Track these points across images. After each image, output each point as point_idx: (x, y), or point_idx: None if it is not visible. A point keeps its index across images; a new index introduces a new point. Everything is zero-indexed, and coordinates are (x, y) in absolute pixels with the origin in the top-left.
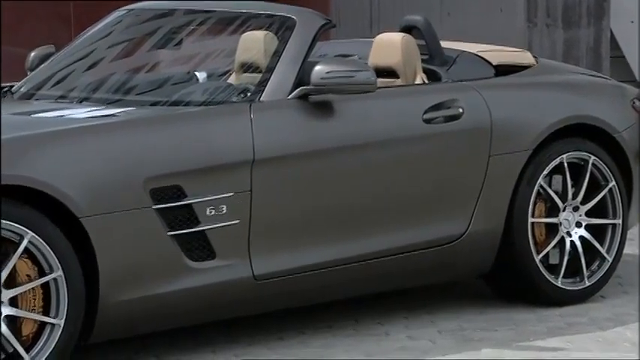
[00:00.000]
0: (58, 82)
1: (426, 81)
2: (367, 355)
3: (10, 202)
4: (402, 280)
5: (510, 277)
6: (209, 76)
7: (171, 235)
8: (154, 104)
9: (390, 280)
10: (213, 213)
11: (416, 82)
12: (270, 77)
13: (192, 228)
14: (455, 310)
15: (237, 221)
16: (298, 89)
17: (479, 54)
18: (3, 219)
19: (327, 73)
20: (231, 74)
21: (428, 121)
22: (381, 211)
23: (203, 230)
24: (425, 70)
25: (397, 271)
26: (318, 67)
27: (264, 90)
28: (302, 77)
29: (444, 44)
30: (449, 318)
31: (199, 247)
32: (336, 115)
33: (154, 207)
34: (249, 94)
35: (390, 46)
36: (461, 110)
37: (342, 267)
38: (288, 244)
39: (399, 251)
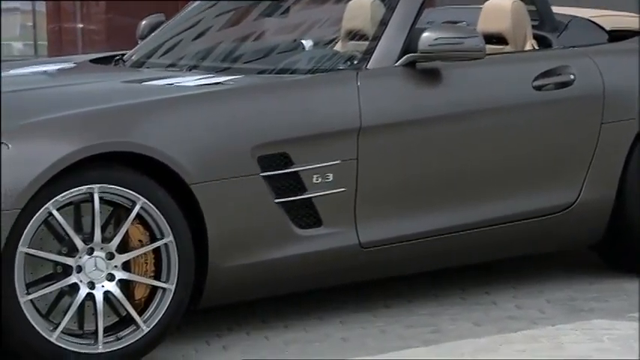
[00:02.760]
0: (167, 51)
1: (537, 47)
2: (475, 324)
3: (123, 169)
4: (509, 250)
5: (622, 247)
6: (315, 44)
7: (278, 203)
8: (261, 72)
9: (497, 249)
10: (319, 181)
11: (526, 49)
12: (377, 45)
13: (298, 195)
14: (565, 280)
15: (343, 189)
16: (405, 56)
17: (591, 19)
18: (116, 185)
19: (435, 39)
20: (337, 42)
21: (538, 88)
22: (488, 180)
23: (310, 198)
24: (535, 36)
25: (505, 240)
26: (425, 34)
27: (371, 57)
28: (409, 44)
29: (555, 10)
30: (558, 288)
31: (306, 215)
32: (443, 82)
33: (262, 174)
34: (355, 62)
35: (499, 11)
36: (572, 77)
37: (448, 235)
38: (394, 212)
39: (507, 220)
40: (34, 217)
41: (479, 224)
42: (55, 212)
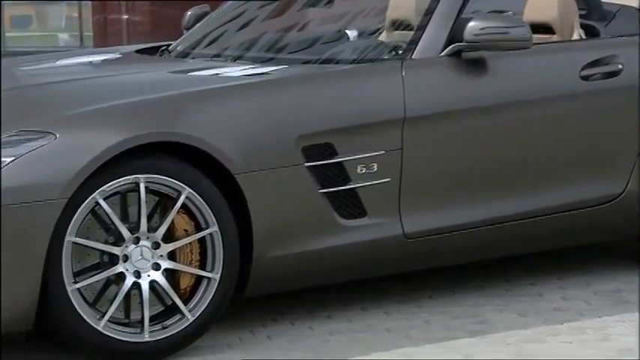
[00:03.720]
0: (212, 42)
1: (584, 36)
2: (520, 315)
3: (168, 158)
4: (555, 241)
5: None
6: (360, 34)
7: (323, 193)
8: (305, 62)
9: (542, 241)
10: (364, 171)
11: (573, 38)
12: (422, 34)
13: (343, 186)
14: (611, 272)
15: (387, 179)
16: (451, 46)
17: None
18: (162, 175)
19: (481, 29)
20: (382, 32)
21: (585, 78)
22: (534, 170)
23: (354, 188)
24: (582, 26)
25: (551, 231)
26: (471, 24)
27: (416, 47)
28: (455, 34)
29: None
30: (605, 279)
31: (350, 205)
32: (489, 72)
33: (306, 164)
34: (400, 52)
35: (546, 0)
36: (620, 66)
37: (493, 226)
38: (439, 203)
39: (553, 211)
40: (82, 207)
41: (524, 215)
42: (101, 202)
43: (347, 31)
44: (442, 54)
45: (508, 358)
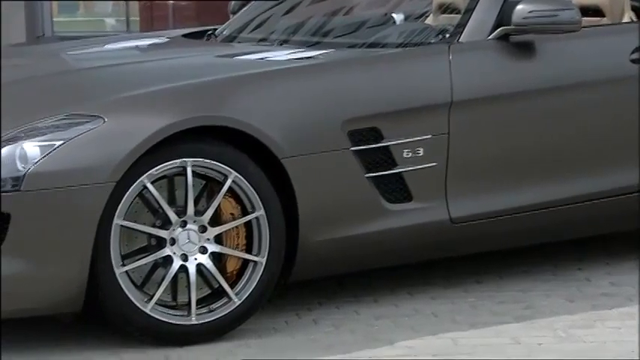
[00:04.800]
0: (258, 26)
1: (635, 19)
2: (568, 301)
3: (215, 142)
4: (602, 226)
5: None
6: (406, 18)
7: (369, 177)
8: (351, 46)
9: (590, 226)
10: (410, 155)
11: (623, 21)
12: (469, 18)
13: (389, 170)
14: None
15: (434, 164)
16: (499, 29)
17: None
18: (209, 159)
19: (530, 12)
20: (428, 16)
21: (636, 62)
22: (582, 155)
23: (400, 172)
24: (633, 8)
25: (598, 217)
26: (519, 7)
27: (463, 31)
28: (502, 17)
29: None
30: None
31: (396, 190)
32: (537, 55)
33: (352, 149)
34: (447, 36)
35: None
36: None
37: (540, 211)
38: (486, 188)
39: (601, 196)
40: (129, 190)
41: (571, 200)
42: (149, 185)
43: (393, 15)
44: (490, 37)
45: (555, 343)
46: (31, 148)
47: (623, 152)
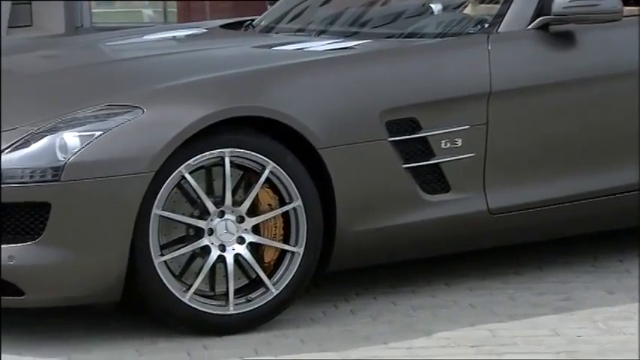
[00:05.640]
0: (296, 16)
1: None
2: (608, 292)
3: (253, 133)
4: None
5: None
6: (444, 8)
7: (406, 168)
8: (389, 37)
9: (630, 217)
10: (448, 146)
11: None
12: (509, 7)
13: (426, 161)
14: None
15: (472, 154)
16: (538, 19)
17: None
18: (247, 149)
19: (570, 1)
20: (467, 5)
21: None
22: (623, 145)
23: (438, 163)
24: None
25: (639, 208)
26: None
27: (502, 21)
28: (542, 7)
29: None
30: None
31: (434, 180)
32: (578, 45)
33: (390, 139)
34: (486, 26)
35: None
36: None
37: (579, 202)
38: (525, 178)
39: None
40: (168, 180)
41: (611, 191)
42: (187, 175)
43: (431, 5)
44: (529, 27)
45: (595, 335)
46: (71, 138)
47: None
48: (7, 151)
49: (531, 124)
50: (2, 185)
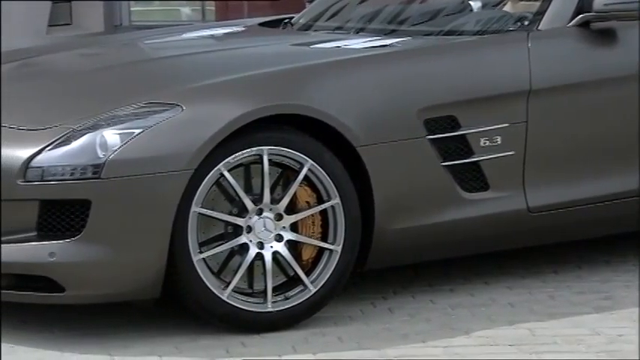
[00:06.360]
0: (334, 14)
1: None
2: None
3: (291, 131)
4: None
5: None
6: (484, 6)
7: (445, 166)
8: (428, 34)
9: None
10: (487, 144)
11: None
12: (549, 5)
13: (465, 159)
14: None
15: (511, 152)
16: (579, 16)
17: None
18: (285, 147)
19: None
20: (506, 3)
21: None
22: None
23: (477, 161)
24: None
25: None
26: None
27: (542, 18)
28: (583, 4)
29: None
30: None
31: (473, 178)
32: (619, 43)
33: (428, 137)
34: (526, 23)
35: None
36: None
37: (620, 201)
38: (564, 177)
39: None
40: (207, 178)
41: None
42: (226, 173)
43: (470, 2)
44: (570, 24)
45: (635, 334)
46: (111, 135)
47: None
48: (48, 148)
49: (571, 122)
50: (44, 182)
